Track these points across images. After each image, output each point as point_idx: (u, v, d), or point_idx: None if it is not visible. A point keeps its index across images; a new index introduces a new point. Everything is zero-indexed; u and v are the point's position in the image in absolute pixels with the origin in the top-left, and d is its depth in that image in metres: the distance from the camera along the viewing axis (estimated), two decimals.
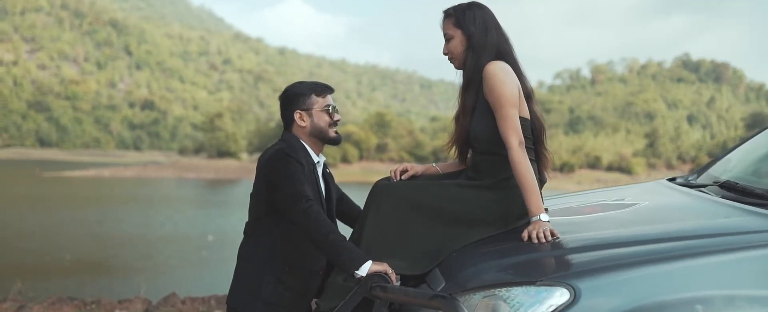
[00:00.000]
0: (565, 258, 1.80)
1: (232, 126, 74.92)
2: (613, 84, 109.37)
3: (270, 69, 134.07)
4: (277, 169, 2.19)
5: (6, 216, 21.55)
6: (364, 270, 1.94)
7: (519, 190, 2.04)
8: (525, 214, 2.13)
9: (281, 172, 2.17)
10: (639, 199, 2.34)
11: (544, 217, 1.95)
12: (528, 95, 2.16)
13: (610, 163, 70.89)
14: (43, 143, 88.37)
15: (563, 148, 68.79)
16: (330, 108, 2.35)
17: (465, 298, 1.70)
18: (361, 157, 64.94)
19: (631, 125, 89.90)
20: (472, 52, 2.13)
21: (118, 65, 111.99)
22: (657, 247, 1.73)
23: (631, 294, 1.58)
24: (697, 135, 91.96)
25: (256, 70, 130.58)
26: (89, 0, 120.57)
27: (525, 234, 1.92)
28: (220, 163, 64.49)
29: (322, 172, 2.38)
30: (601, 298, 1.59)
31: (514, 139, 2.01)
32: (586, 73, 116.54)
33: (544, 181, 2.23)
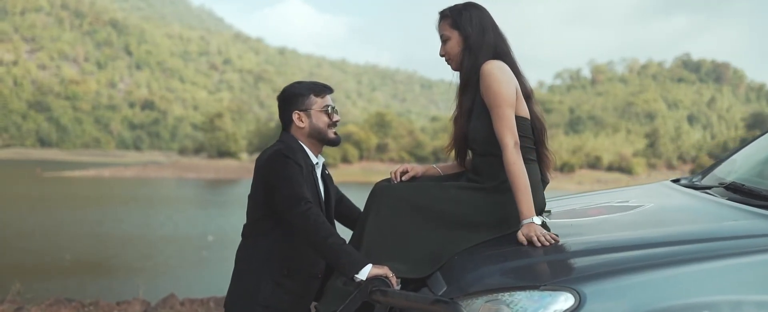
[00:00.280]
0: (569, 262, 1.76)
1: (232, 126, 74.93)
2: (614, 84, 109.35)
3: (270, 69, 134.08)
4: (275, 170, 2.15)
5: (6, 216, 21.53)
6: (364, 274, 1.91)
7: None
8: None
9: (279, 173, 2.13)
10: (643, 201, 2.31)
11: (537, 220, 1.92)
12: (527, 95, 2.14)
13: (611, 163, 70.88)
14: (43, 143, 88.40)
15: (563, 148, 68.78)
16: (329, 108, 2.31)
17: (467, 302, 1.67)
18: (361, 157, 64.93)
19: (632, 125, 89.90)
20: (469, 52, 2.10)
21: (118, 65, 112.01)
22: (664, 251, 1.69)
23: (637, 299, 1.55)
24: (698, 135, 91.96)
25: (256, 70, 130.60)
26: (89, 0, 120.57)
27: (520, 238, 1.89)
28: (220, 163, 64.49)
29: (321, 173, 2.34)
30: (606, 303, 1.56)
31: (510, 140, 1.98)
32: (586, 73, 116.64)
33: (546, 182, 2.20)
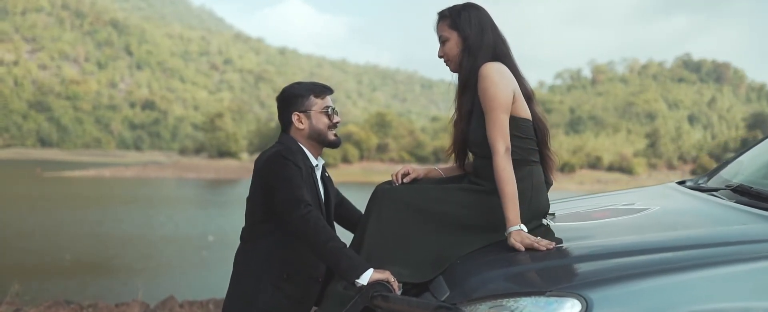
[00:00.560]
0: (575, 267, 1.72)
1: (232, 126, 74.94)
2: (614, 84, 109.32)
3: (270, 69, 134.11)
4: (274, 172, 2.11)
5: (6, 216, 21.50)
6: (365, 278, 1.87)
7: (520, 196, 1.98)
8: (531, 220, 2.06)
9: (279, 175, 2.09)
10: (649, 204, 2.26)
11: (525, 228, 1.90)
12: (528, 96, 2.10)
13: (611, 163, 70.85)
14: (43, 143, 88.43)
15: (564, 148, 68.74)
16: (329, 110, 2.27)
17: (471, 308, 1.63)
18: (361, 158, 64.92)
19: (632, 125, 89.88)
20: (468, 54, 2.07)
21: (119, 65, 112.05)
22: (672, 256, 1.65)
23: (645, 305, 1.51)
24: (698, 135, 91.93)
25: (256, 70, 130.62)
26: (90, 0, 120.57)
27: (517, 246, 1.85)
28: (221, 163, 64.49)
29: (321, 175, 2.30)
30: (614, 310, 1.51)
31: (501, 145, 1.95)
32: (586, 73, 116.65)
33: (550, 184, 2.17)
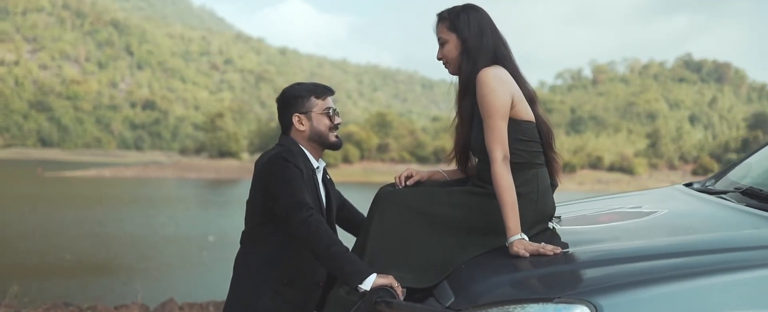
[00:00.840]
0: (584, 272, 1.68)
1: (233, 126, 74.94)
2: (615, 84, 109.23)
3: (271, 69, 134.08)
4: (275, 174, 2.07)
5: (7, 216, 21.47)
6: (368, 284, 1.82)
7: (526, 200, 1.95)
8: (537, 223, 2.03)
9: (279, 178, 2.05)
10: (657, 207, 2.22)
11: (526, 237, 1.86)
12: (531, 99, 2.07)
13: (612, 163, 70.78)
14: (44, 143, 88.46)
15: (565, 148, 68.69)
16: (330, 111, 2.23)
17: None
18: (362, 158, 64.89)
19: (633, 125, 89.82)
20: (467, 57, 2.03)
21: (120, 65, 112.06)
22: (683, 261, 1.60)
23: None
24: (699, 135, 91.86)
25: (257, 70, 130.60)
26: (91, 0, 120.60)
27: (520, 254, 1.81)
28: (221, 163, 64.48)
29: (322, 177, 2.26)
30: None
31: (499, 153, 1.91)
32: (587, 73, 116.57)
33: (555, 186, 2.13)
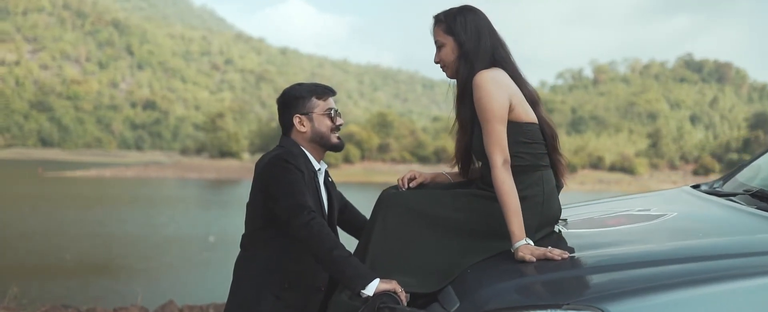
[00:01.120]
0: (594, 278, 1.63)
1: (233, 126, 74.94)
2: (616, 84, 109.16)
3: (272, 69, 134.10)
4: (276, 177, 2.02)
5: (7, 216, 21.45)
6: (371, 289, 1.78)
7: (532, 203, 1.91)
8: (544, 227, 1.99)
9: (280, 180, 2.01)
10: (665, 210, 2.17)
11: (531, 242, 1.82)
12: (533, 101, 2.02)
13: (613, 163, 70.71)
14: (45, 143, 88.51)
15: (566, 148, 66.94)
16: (332, 112, 2.19)
17: None
18: (362, 158, 64.85)
19: (634, 125, 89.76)
20: (464, 60, 1.98)
21: (120, 65, 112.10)
22: (695, 267, 1.56)
23: None
24: (700, 135, 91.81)
25: (257, 70, 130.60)
26: (91, 0, 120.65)
27: (526, 260, 1.76)
28: (222, 163, 64.45)
29: (324, 180, 2.22)
30: None
31: (499, 157, 1.88)
32: (588, 73, 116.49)
33: (560, 187, 2.09)
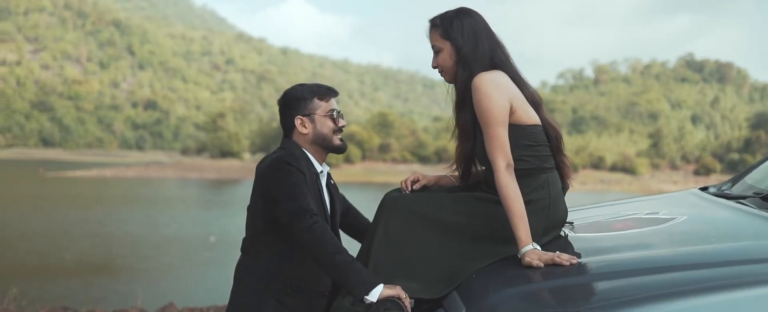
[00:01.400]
0: (604, 285, 1.57)
1: (234, 126, 74.95)
2: (617, 84, 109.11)
3: (272, 69, 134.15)
4: (277, 179, 1.98)
5: (8, 216, 21.43)
6: (375, 295, 1.74)
7: (538, 206, 1.88)
8: (550, 230, 1.95)
9: (281, 183, 1.96)
10: (674, 213, 2.12)
11: (538, 246, 1.78)
12: (535, 103, 1.98)
13: (614, 163, 70.69)
14: (46, 143, 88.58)
15: (567, 148, 68.36)
16: (334, 113, 2.14)
17: None
18: (363, 158, 64.83)
19: (635, 125, 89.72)
20: (463, 65, 1.94)
21: (121, 65, 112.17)
22: (708, 273, 1.51)
23: None
24: (701, 135, 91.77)
25: (258, 70, 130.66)
26: (92, 0, 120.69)
27: (534, 265, 1.72)
28: (223, 163, 64.43)
29: (326, 182, 2.18)
30: None
31: (502, 161, 1.83)
32: (589, 73, 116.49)
33: (566, 189, 2.06)
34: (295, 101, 2.12)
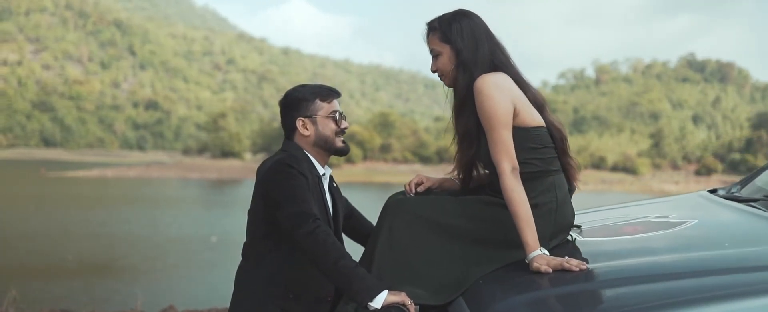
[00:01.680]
0: (615, 292, 1.52)
1: (235, 126, 75.00)
2: (618, 84, 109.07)
3: (274, 69, 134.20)
4: (278, 183, 1.93)
5: (9, 216, 21.43)
6: (380, 301, 1.70)
7: (545, 210, 1.84)
8: (557, 234, 1.90)
9: (282, 186, 1.92)
10: (684, 217, 2.08)
11: (546, 251, 1.74)
12: (538, 104, 1.94)
13: (615, 163, 70.65)
14: (47, 143, 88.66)
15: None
16: (336, 114, 2.10)
17: None
18: (364, 158, 64.82)
19: (636, 125, 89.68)
20: (463, 69, 1.90)
21: (122, 65, 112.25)
22: (723, 280, 1.46)
23: None
24: (703, 135, 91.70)
25: (259, 70, 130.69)
26: (93, 0, 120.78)
27: (542, 270, 1.67)
28: (224, 163, 64.43)
29: (329, 185, 2.13)
30: None
31: (507, 164, 1.79)
32: (590, 73, 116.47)
33: (572, 190, 2.02)
34: (297, 102, 2.08)
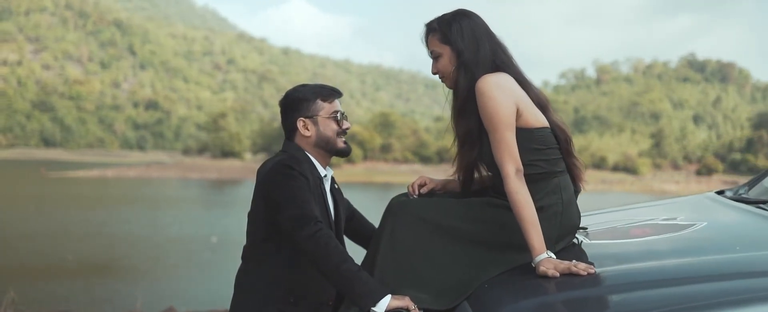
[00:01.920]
0: (623, 296, 1.48)
1: (235, 126, 74.99)
2: (619, 84, 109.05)
3: (274, 69, 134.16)
4: (279, 184, 1.89)
5: (9, 216, 21.42)
6: (383, 306, 1.66)
7: (550, 212, 1.81)
8: (563, 237, 1.87)
9: (283, 188, 1.88)
10: (693, 219, 2.04)
11: (553, 255, 1.70)
12: (541, 105, 1.91)
13: (616, 163, 70.63)
14: (47, 143, 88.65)
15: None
16: (338, 115, 2.06)
17: None
18: (365, 158, 64.79)
19: (637, 125, 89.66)
20: (464, 70, 1.85)
21: (122, 65, 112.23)
22: (735, 285, 1.42)
23: None
24: (703, 135, 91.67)
25: (259, 70, 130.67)
26: (93, 0, 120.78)
27: (549, 274, 1.63)
28: (224, 163, 64.41)
29: (330, 187, 2.10)
30: None
31: (511, 167, 1.75)
32: (591, 72, 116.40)
33: (578, 192, 1.98)
34: (297, 102, 2.04)
